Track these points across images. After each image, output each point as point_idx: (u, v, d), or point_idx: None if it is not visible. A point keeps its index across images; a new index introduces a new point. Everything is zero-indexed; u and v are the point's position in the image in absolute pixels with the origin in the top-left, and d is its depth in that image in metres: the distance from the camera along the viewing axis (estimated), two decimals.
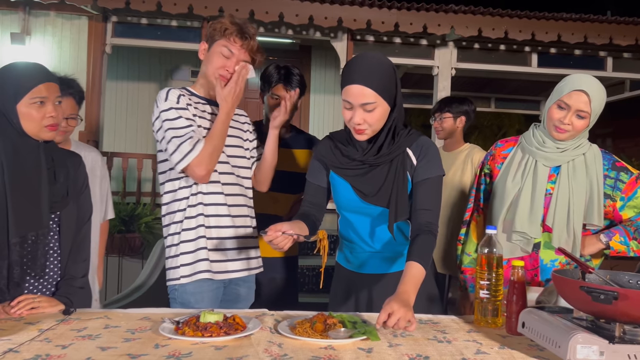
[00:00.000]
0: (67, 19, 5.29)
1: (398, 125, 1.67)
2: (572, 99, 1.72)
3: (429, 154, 1.67)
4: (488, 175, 2.02)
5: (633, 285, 1.52)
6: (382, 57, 1.62)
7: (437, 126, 3.07)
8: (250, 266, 2.00)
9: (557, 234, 1.79)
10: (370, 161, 1.66)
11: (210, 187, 1.88)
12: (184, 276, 1.84)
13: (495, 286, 1.53)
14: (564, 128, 1.74)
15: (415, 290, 1.47)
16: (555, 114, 1.76)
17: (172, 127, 1.79)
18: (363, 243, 1.77)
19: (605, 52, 6.17)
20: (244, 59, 1.88)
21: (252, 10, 4.85)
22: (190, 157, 1.75)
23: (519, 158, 1.89)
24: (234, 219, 1.92)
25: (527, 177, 1.84)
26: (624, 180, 1.80)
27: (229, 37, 1.85)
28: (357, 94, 1.56)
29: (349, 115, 1.60)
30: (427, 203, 1.64)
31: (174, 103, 1.81)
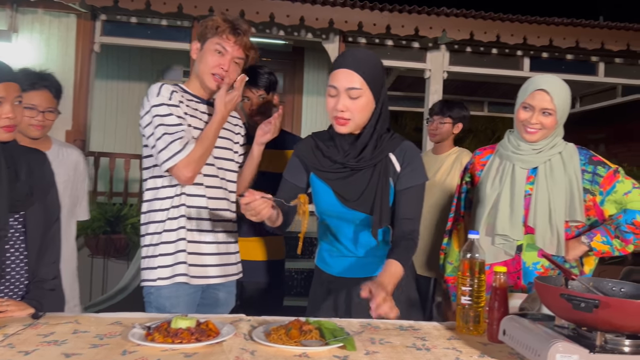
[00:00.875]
0: (55, 16, 5.23)
1: (382, 126, 1.64)
2: (535, 99, 1.76)
3: (413, 161, 1.65)
4: (469, 184, 2.03)
5: (616, 292, 1.49)
6: (373, 54, 1.63)
7: (434, 129, 3.02)
8: (229, 272, 1.95)
9: (540, 233, 1.77)
10: (352, 165, 1.62)
11: (193, 189, 1.83)
12: (162, 278, 1.80)
13: (477, 292, 1.50)
14: (534, 127, 1.76)
15: (393, 283, 1.47)
16: (522, 115, 1.79)
17: (163, 124, 1.75)
18: (344, 248, 1.74)
19: (597, 57, 6.18)
20: (237, 56, 1.85)
21: (243, 10, 4.81)
22: (178, 157, 1.71)
23: (497, 164, 1.90)
24: (214, 223, 1.88)
25: (505, 181, 1.84)
26: (601, 174, 1.78)
27: (221, 34, 1.81)
28: (344, 78, 1.55)
29: (333, 103, 1.57)
30: (410, 212, 1.63)
31: (166, 99, 1.77)
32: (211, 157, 1.87)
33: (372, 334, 1.44)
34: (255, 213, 1.44)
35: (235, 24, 1.84)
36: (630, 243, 1.77)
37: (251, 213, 1.44)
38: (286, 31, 5.49)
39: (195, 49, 1.89)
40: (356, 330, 1.45)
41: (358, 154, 1.62)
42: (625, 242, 1.76)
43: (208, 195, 1.86)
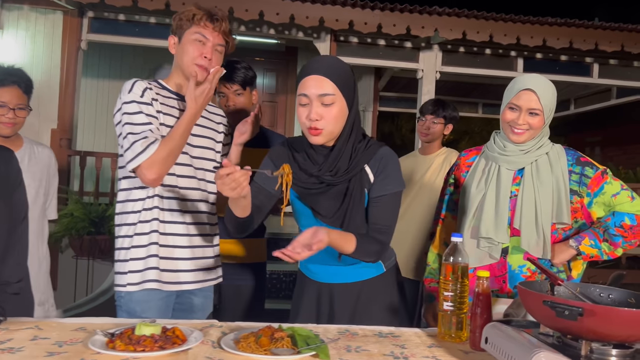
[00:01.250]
0: (42, 13, 5.14)
1: (356, 134, 1.57)
2: (522, 99, 1.71)
3: (387, 168, 1.57)
4: (453, 185, 1.97)
5: (604, 299, 1.44)
6: (342, 60, 1.56)
7: (426, 128, 2.94)
8: (206, 277, 1.87)
9: (525, 235, 1.72)
10: (327, 179, 1.55)
11: (167, 191, 1.76)
12: (131, 284, 1.72)
13: (460, 298, 1.43)
14: (521, 128, 1.72)
15: (338, 237, 1.44)
16: (508, 115, 1.74)
17: (129, 122, 1.68)
18: (326, 257, 1.67)
19: (592, 59, 6.14)
20: (218, 43, 1.78)
21: (232, 7, 4.74)
22: (141, 158, 1.63)
23: (483, 165, 1.85)
24: (189, 226, 1.80)
25: (490, 183, 1.78)
26: (589, 175, 1.73)
27: (199, 22, 1.74)
28: (315, 84, 1.47)
29: (305, 113, 1.49)
30: (381, 220, 1.57)
31: (137, 96, 1.69)
32: (188, 157, 1.80)
33: (349, 341, 1.37)
34: (235, 186, 1.34)
35: (212, 10, 1.78)
36: (619, 247, 1.71)
37: (231, 186, 1.34)
38: (277, 30, 5.42)
39: (173, 43, 1.81)
40: (332, 337, 1.39)
41: (333, 166, 1.54)
42: (614, 246, 1.71)
43: (183, 198, 1.79)
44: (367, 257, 1.54)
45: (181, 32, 1.77)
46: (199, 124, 1.86)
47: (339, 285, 1.68)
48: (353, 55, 5.68)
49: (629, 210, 1.71)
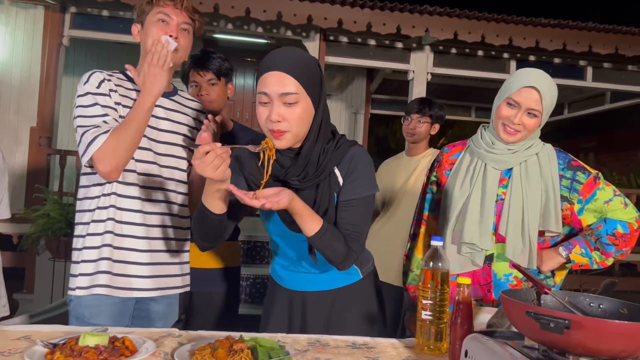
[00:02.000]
0: (22, 7, 5.00)
1: (324, 135, 1.43)
2: (522, 96, 1.58)
3: (357, 170, 1.43)
4: (435, 184, 1.84)
5: (594, 309, 1.33)
6: (306, 52, 1.41)
7: (412, 128, 2.83)
8: (168, 284, 1.74)
9: (510, 243, 1.61)
10: (294, 184, 1.41)
11: (125, 189, 1.63)
12: (80, 287, 1.60)
13: (439, 306, 1.32)
14: (515, 128, 1.59)
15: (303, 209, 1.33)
16: (505, 111, 1.60)
17: (82, 115, 1.56)
18: (293, 264, 1.57)
19: (586, 62, 6.06)
20: (183, 21, 1.67)
21: (217, 4, 4.62)
22: (91, 150, 1.51)
23: (467, 162, 1.71)
24: (149, 228, 1.67)
25: (475, 183, 1.65)
26: (581, 181, 1.62)
27: (159, 3, 1.64)
28: (276, 82, 1.31)
29: (266, 113, 1.34)
30: (351, 226, 1.42)
31: (93, 87, 1.58)
32: (152, 154, 1.67)
33: (318, 353, 1.26)
34: (219, 163, 1.22)
35: None
36: (611, 256, 1.62)
37: (214, 164, 1.22)
38: (264, 28, 5.30)
39: (137, 32, 1.70)
40: (301, 349, 1.28)
41: (300, 171, 1.41)
42: (605, 255, 1.61)
43: (144, 197, 1.66)
44: (331, 254, 1.38)
45: (143, 17, 1.67)
46: (166, 117, 1.73)
47: (312, 293, 1.56)
48: (343, 55, 5.58)
49: (621, 217, 1.61)
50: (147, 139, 1.66)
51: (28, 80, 4.94)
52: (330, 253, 1.38)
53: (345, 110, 7.66)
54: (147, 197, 1.67)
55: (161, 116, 1.72)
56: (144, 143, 1.65)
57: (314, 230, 1.34)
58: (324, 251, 1.38)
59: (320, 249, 1.38)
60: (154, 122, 1.69)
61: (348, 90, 7.65)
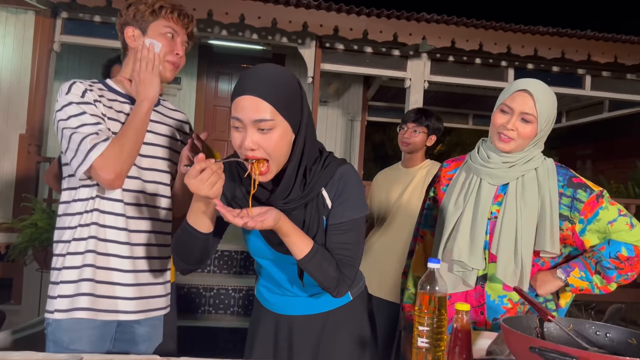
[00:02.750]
0: (12, 13, 4.91)
1: (309, 157, 1.33)
2: (515, 101, 1.52)
3: (346, 192, 1.35)
4: (433, 200, 1.77)
5: (600, 338, 1.25)
6: (284, 70, 1.29)
7: (407, 137, 2.75)
8: (152, 306, 1.65)
9: (502, 263, 1.51)
10: (279, 206, 1.31)
11: (109, 205, 1.54)
12: (59, 310, 1.50)
13: (436, 333, 1.23)
14: (509, 135, 1.52)
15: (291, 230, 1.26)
16: (499, 119, 1.55)
17: (69, 127, 1.47)
18: (279, 287, 1.48)
19: (584, 70, 6.00)
20: (185, 39, 1.66)
21: (211, 10, 4.54)
22: (91, 157, 1.42)
23: (463, 178, 1.64)
24: (133, 247, 1.58)
25: (469, 199, 1.58)
26: (582, 200, 1.51)
27: (167, 16, 1.59)
28: (250, 108, 1.21)
29: (239, 139, 1.24)
30: (343, 250, 1.34)
31: (77, 97, 1.49)
32: (135, 168, 1.58)
33: None
34: (216, 180, 1.15)
35: (175, 4, 1.63)
36: (613, 281, 1.51)
37: (211, 181, 1.15)
38: (260, 35, 5.22)
39: (132, 35, 1.60)
40: None
41: (285, 196, 1.32)
42: (607, 280, 1.51)
43: (128, 215, 1.57)
44: (322, 278, 1.30)
45: (144, 24, 1.59)
46: (150, 129, 1.65)
47: (299, 317, 1.48)
48: (339, 63, 5.50)
49: (627, 239, 1.50)
50: None
51: (17, 86, 4.85)
52: (321, 277, 1.30)
53: (342, 117, 7.59)
54: (131, 214, 1.58)
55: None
56: None
57: (304, 252, 1.26)
58: (315, 275, 1.29)
59: (310, 272, 1.29)
60: None
61: (344, 97, 7.59)
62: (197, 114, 6.99)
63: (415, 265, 1.79)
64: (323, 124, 7.35)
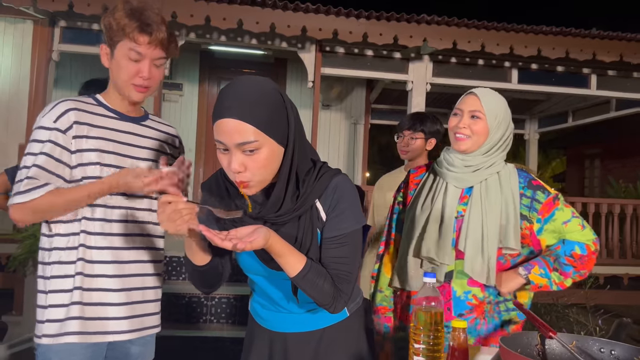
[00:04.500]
0: (11, 22, 4.91)
1: (301, 168, 1.27)
2: (464, 102, 1.67)
3: (341, 203, 1.29)
4: (401, 204, 1.84)
5: (605, 356, 1.18)
6: (264, 83, 1.21)
7: (404, 145, 2.71)
8: (145, 325, 1.62)
9: (469, 259, 1.60)
10: (271, 220, 1.26)
11: (98, 226, 1.51)
12: (47, 335, 1.46)
13: (432, 352, 1.18)
14: (463, 132, 1.64)
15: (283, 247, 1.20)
16: (452, 121, 1.69)
17: (29, 152, 1.45)
18: (273, 304, 1.43)
19: (589, 69, 5.91)
20: (156, 57, 1.54)
21: (209, 16, 4.51)
22: (16, 199, 1.41)
23: (430, 182, 1.75)
24: (122, 265, 1.55)
25: (436, 200, 1.68)
26: (540, 200, 1.63)
27: (130, 36, 1.48)
28: (232, 131, 1.14)
29: (226, 161, 1.19)
30: (338, 265, 1.28)
31: (50, 122, 1.46)
32: None
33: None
34: (176, 218, 1.11)
35: (144, 17, 1.50)
36: (569, 277, 1.63)
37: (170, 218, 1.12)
38: (259, 40, 5.18)
39: (106, 55, 1.56)
40: None
41: (277, 209, 1.26)
42: (564, 276, 1.63)
43: (115, 232, 1.54)
44: (317, 294, 1.24)
45: (112, 43, 1.53)
46: (138, 144, 1.61)
47: (294, 334, 1.42)
48: (339, 66, 5.45)
49: (579, 239, 1.64)
50: (115, 169, 1.54)
51: (17, 96, 4.84)
52: (315, 294, 1.24)
53: (345, 120, 7.54)
54: (119, 231, 1.55)
55: (132, 143, 1.60)
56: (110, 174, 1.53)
57: (297, 269, 1.21)
58: (309, 292, 1.24)
59: (305, 289, 1.24)
60: (123, 149, 1.57)
61: (347, 101, 7.53)
62: (199, 119, 6.97)
63: (387, 267, 1.84)
64: (326, 128, 7.30)
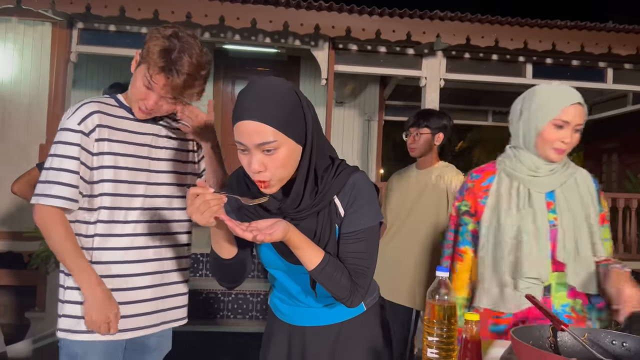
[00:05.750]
0: (30, 25, 5.00)
1: (319, 165, 1.31)
2: (570, 114, 1.53)
3: (359, 199, 1.32)
4: (468, 214, 1.70)
5: (617, 348, 1.20)
6: (281, 84, 1.25)
7: (412, 142, 2.74)
8: (167, 318, 1.67)
9: (571, 269, 1.53)
10: (291, 215, 1.30)
11: (115, 227, 1.55)
12: (64, 330, 1.51)
13: (446, 344, 1.20)
14: (564, 148, 1.55)
15: (302, 241, 1.24)
16: (554, 134, 1.54)
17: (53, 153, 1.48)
18: (292, 298, 1.46)
19: (605, 63, 5.85)
20: (167, 96, 1.53)
21: (223, 15, 4.56)
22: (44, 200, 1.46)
23: (506, 189, 1.60)
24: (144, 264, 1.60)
25: (523, 210, 1.55)
26: (602, 211, 1.61)
27: (151, 70, 1.48)
28: (250, 133, 1.19)
29: (246, 161, 1.24)
30: (356, 260, 1.32)
31: (74, 124, 1.49)
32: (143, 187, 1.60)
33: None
34: (204, 209, 1.14)
35: (173, 59, 1.47)
36: None
37: (200, 209, 1.15)
38: (272, 38, 5.22)
39: (135, 61, 1.57)
40: None
41: (296, 205, 1.30)
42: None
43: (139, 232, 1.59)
44: (334, 288, 1.28)
45: (142, 58, 1.53)
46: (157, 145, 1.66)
47: (311, 328, 1.46)
48: (353, 64, 5.47)
49: None
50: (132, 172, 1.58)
51: (37, 97, 4.94)
52: (333, 287, 1.28)
53: (359, 117, 7.55)
54: (142, 231, 1.59)
55: (151, 144, 1.64)
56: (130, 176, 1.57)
57: (315, 263, 1.24)
58: (327, 285, 1.28)
59: (322, 283, 1.28)
60: (142, 151, 1.61)
61: (361, 97, 7.54)
62: (215, 118, 7.03)
63: (458, 286, 1.73)
64: (339, 125, 7.32)
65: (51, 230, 1.47)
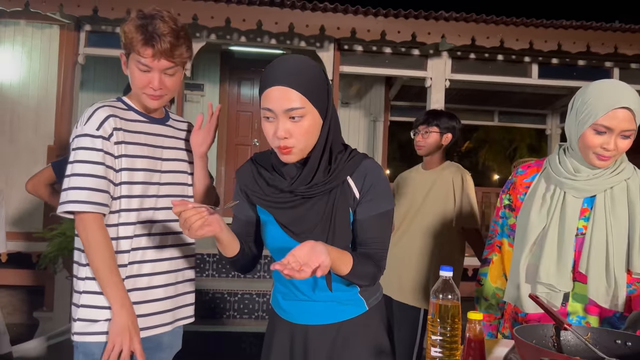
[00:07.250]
0: (38, 28, 5.05)
1: (335, 143, 1.36)
2: (614, 120, 1.38)
3: (376, 185, 1.37)
4: (509, 208, 1.68)
5: (620, 347, 1.20)
6: (309, 60, 1.34)
7: (420, 141, 2.75)
8: (179, 316, 1.69)
9: (594, 283, 1.42)
10: (301, 192, 1.34)
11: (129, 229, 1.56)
12: (80, 333, 1.52)
13: (450, 343, 1.20)
14: (608, 155, 1.41)
15: (337, 255, 1.23)
16: (595, 140, 1.41)
17: (74, 159, 1.48)
18: (299, 292, 1.46)
19: (612, 63, 5.83)
20: (165, 67, 1.53)
21: (229, 17, 4.59)
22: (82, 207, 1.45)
23: (543, 189, 1.54)
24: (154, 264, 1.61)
25: (554, 214, 1.49)
26: None
27: (137, 49, 1.49)
28: (280, 98, 1.25)
29: (272, 129, 1.28)
30: (375, 243, 1.38)
31: (93, 129, 1.49)
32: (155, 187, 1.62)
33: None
34: (188, 226, 1.19)
35: (150, 28, 1.48)
36: None
37: (184, 225, 1.20)
38: (278, 39, 5.25)
39: (124, 63, 1.58)
40: None
41: (309, 180, 1.34)
42: None
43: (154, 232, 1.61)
44: (361, 281, 1.34)
45: (127, 52, 1.55)
46: (166, 145, 1.67)
47: (313, 327, 1.46)
48: (358, 64, 5.49)
49: None
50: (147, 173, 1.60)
51: (45, 99, 4.99)
52: (360, 280, 1.34)
53: (364, 118, 7.56)
54: (155, 231, 1.61)
55: (161, 145, 1.66)
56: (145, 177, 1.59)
57: (347, 268, 1.28)
58: (356, 281, 1.34)
59: (352, 280, 1.33)
60: (155, 152, 1.63)
61: (366, 98, 7.55)
62: (221, 119, 7.04)
63: (493, 276, 1.72)
64: (345, 125, 7.33)
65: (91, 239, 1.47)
